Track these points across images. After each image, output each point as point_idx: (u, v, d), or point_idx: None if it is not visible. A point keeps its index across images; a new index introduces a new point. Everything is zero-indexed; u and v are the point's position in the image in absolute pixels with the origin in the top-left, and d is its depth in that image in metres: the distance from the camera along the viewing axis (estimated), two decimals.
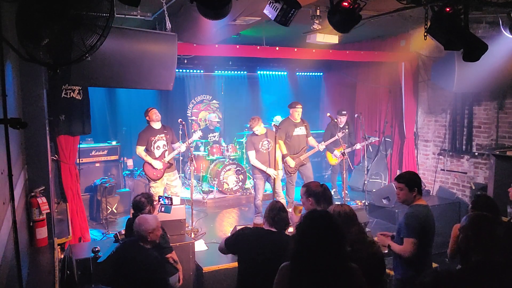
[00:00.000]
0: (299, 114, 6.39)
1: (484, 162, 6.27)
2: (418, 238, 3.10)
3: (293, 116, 6.40)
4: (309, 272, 1.95)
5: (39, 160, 3.74)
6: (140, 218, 3.36)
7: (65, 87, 4.81)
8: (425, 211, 3.26)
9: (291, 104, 6.47)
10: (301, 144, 6.42)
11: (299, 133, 6.41)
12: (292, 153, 6.34)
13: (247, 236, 3.12)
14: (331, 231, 2.01)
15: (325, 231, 2.00)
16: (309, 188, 3.29)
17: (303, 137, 6.45)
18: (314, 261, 1.95)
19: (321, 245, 1.96)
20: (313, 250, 1.96)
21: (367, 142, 6.94)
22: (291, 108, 6.43)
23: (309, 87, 10.23)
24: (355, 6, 3.53)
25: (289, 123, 6.41)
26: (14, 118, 2.07)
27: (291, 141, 6.35)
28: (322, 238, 1.98)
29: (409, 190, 3.27)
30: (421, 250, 3.13)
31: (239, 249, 3.17)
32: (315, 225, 2.05)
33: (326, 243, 1.96)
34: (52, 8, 2.09)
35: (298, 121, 6.41)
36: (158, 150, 5.96)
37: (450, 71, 5.71)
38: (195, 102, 9.27)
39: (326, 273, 1.94)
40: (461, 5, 3.88)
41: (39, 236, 3.48)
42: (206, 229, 5.91)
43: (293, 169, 6.36)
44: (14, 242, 2.21)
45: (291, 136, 6.33)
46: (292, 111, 6.40)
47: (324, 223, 2.05)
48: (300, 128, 6.42)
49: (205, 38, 5.46)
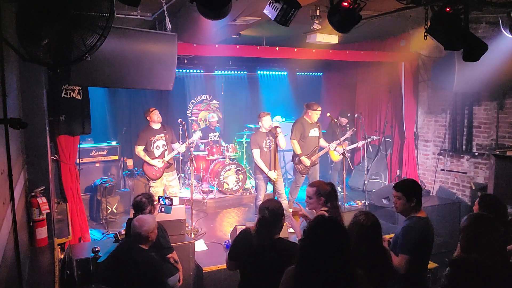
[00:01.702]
0: (317, 117, 6.29)
1: (484, 162, 6.27)
2: (413, 255, 2.89)
3: (311, 117, 6.25)
4: (315, 276, 1.97)
5: (39, 160, 3.75)
6: (139, 220, 3.33)
7: (65, 87, 4.81)
8: (423, 225, 3.02)
9: (311, 105, 6.28)
10: (315, 145, 6.37)
11: (314, 134, 6.34)
12: (305, 154, 6.26)
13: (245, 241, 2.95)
14: (338, 237, 2.03)
15: (331, 237, 2.02)
16: (320, 188, 3.33)
17: (316, 139, 6.40)
18: (320, 266, 1.96)
19: (327, 250, 1.97)
20: (319, 255, 1.98)
21: (367, 140, 7.00)
22: (309, 110, 6.25)
23: (309, 87, 10.22)
24: (355, 6, 3.53)
25: (305, 123, 6.29)
26: (14, 118, 2.07)
27: (306, 142, 6.27)
28: (328, 243, 1.99)
29: (407, 200, 3.03)
30: (415, 266, 2.94)
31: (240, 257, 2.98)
32: (322, 231, 2.06)
33: (332, 248, 1.98)
34: (52, 8, 2.09)
35: (313, 122, 6.32)
36: (158, 150, 5.97)
37: (450, 71, 5.71)
38: (195, 102, 9.27)
39: (331, 278, 1.95)
40: (461, 5, 3.88)
41: (39, 236, 3.48)
42: (206, 229, 5.91)
43: (306, 170, 6.29)
44: (14, 242, 2.21)
45: (306, 136, 6.25)
46: (311, 112, 6.24)
47: (331, 230, 2.06)
48: (315, 129, 6.35)
49: (205, 38, 5.45)
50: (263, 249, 2.82)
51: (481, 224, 2.49)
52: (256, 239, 2.86)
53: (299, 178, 6.43)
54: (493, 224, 2.49)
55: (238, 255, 2.94)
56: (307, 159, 6.22)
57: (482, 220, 2.53)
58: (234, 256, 2.97)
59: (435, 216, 5.98)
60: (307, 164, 6.22)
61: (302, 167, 6.27)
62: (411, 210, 3.07)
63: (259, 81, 9.91)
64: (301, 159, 6.20)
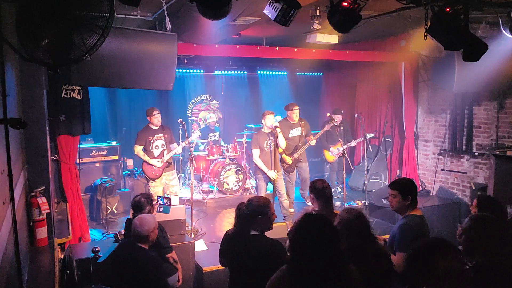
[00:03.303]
0: (297, 116, 6.50)
1: (484, 162, 6.27)
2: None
3: (291, 118, 6.50)
4: (306, 274, 1.95)
5: (39, 160, 3.75)
6: (139, 219, 3.35)
7: (65, 87, 4.82)
8: (420, 223, 3.06)
9: (288, 107, 6.56)
10: (295, 143, 6.55)
11: (294, 134, 6.54)
12: (287, 152, 6.48)
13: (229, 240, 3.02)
14: (324, 233, 2.02)
15: (318, 233, 2.01)
16: (313, 185, 3.41)
17: (298, 138, 6.54)
18: (310, 263, 1.95)
19: (315, 246, 1.96)
20: (308, 252, 1.96)
21: (362, 138, 7.03)
22: (288, 111, 6.53)
23: (309, 87, 10.22)
24: (355, 6, 3.53)
25: (286, 124, 6.51)
26: (14, 118, 2.07)
27: (287, 142, 6.41)
28: (316, 239, 1.98)
29: (402, 198, 3.06)
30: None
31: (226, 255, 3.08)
32: (308, 227, 2.05)
33: (320, 244, 1.97)
34: (52, 8, 2.09)
35: (295, 122, 6.50)
36: (157, 149, 5.99)
37: (450, 71, 5.71)
38: (195, 102, 9.27)
39: (323, 275, 1.94)
40: (461, 5, 3.88)
41: (39, 236, 3.48)
42: (206, 229, 5.91)
43: (290, 167, 6.50)
44: (14, 242, 2.21)
45: (286, 137, 6.41)
46: (289, 113, 6.50)
47: (316, 225, 2.05)
48: (296, 129, 6.53)
49: (205, 38, 5.46)
50: (238, 244, 2.89)
51: (484, 225, 2.47)
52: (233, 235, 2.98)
53: (288, 175, 6.63)
54: (495, 225, 2.47)
55: (222, 252, 3.10)
56: (289, 157, 6.45)
57: (485, 221, 2.51)
58: (221, 254, 3.11)
59: (435, 216, 5.99)
60: (289, 162, 6.47)
61: (285, 165, 6.50)
62: (407, 208, 3.09)
63: (259, 81, 9.90)
64: (282, 157, 6.44)
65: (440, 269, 1.83)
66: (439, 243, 1.96)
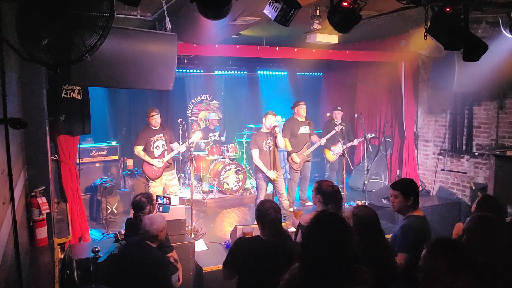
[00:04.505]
0: (304, 110, 6.61)
1: (484, 162, 6.27)
2: (412, 253, 2.83)
3: (299, 113, 6.61)
4: (319, 272, 1.94)
5: (39, 160, 3.74)
6: (149, 218, 3.39)
7: (65, 87, 4.81)
8: (422, 224, 3.04)
9: (294, 104, 6.71)
10: (305, 142, 6.65)
11: (304, 131, 6.64)
12: (296, 151, 6.57)
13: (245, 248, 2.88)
14: (338, 233, 2.00)
15: (332, 232, 1.99)
16: (320, 186, 3.32)
17: (307, 136, 6.67)
18: (322, 263, 1.93)
19: (328, 246, 1.94)
20: (320, 252, 1.94)
21: (362, 138, 7.07)
22: (295, 107, 6.65)
23: (309, 87, 10.22)
24: (355, 6, 3.53)
25: (295, 122, 6.63)
26: (14, 118, 2.07)
27: (296, 140, 6.58)
28: (329, 239, 1.96)
29: (404, 198, 3.05)
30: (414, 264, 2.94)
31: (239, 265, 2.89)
32: (322, 226, 2.04)
33: (333, 244, 1.95)
34: (52, 8, 2.09)
35: (303, 119, 6.61)
36: (158, 150, 5.99)
37: (450, 71, 5.71)
38: (195, 102, 9.27)
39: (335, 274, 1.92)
40: (461, 5, 3.88)
41: (39, 236, 3.48)
42: (206, 229, 5.91)
43: (298, 165, 6.59)
44: (14, 242, 2.21)
45: (296, 134, 6.55)
46: (297, 109, 6.62)
47: (331, 225, 2.03)
48: (305, 127, 6.65)
49: (205, 38, 5.45)
50: (275, 250, 2.79)
51: (485, 225, 2.46)
52: (264, 242, 2.84)
53: (293, 174, 6.68)
54: (497, 225, 2.47)
55: (238, 265, 2.86)
56: (297, 156, 6.54)
57: (487, 221, 2.50)
58: (233, 266, 2.89)
59: (435, 216, 5.98)
60: (297, 160, 6.56)
61: (295, 164, 6.59)
62: (409, 209, 3.09)
63: (259, 81, 9.91)
64: (291, 156, 6.52)
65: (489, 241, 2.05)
66: (487, 219, 2.16)
